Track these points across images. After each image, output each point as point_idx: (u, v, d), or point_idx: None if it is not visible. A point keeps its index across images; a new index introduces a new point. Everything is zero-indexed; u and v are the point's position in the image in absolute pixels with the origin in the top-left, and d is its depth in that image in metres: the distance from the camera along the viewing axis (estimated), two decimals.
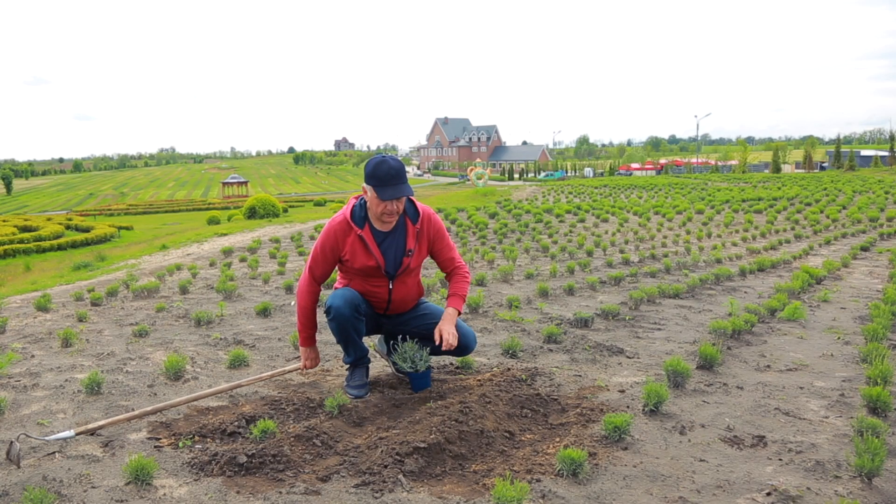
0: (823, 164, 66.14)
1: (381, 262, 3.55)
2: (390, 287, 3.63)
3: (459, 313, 3.64)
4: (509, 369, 3.93)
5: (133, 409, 3.45)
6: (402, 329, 3.78)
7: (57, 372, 4.13)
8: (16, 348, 4.74)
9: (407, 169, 3.70)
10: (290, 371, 3.90)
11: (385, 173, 3.35)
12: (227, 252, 10.81)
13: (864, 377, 3.75)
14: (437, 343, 3.56)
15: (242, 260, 9.68)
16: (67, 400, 3.61)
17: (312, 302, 3.70)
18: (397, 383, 3.80)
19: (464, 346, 3.71)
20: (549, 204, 20.55)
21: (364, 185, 3.47)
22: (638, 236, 11.69)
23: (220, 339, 4.89)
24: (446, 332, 3.51)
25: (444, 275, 3.80)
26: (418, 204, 3.61)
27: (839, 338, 4.84)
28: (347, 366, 3.78)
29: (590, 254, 9.39)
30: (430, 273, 7.72)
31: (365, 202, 3.53)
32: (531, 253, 9.72)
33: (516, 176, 78.51)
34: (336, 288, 3.76)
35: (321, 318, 3.87)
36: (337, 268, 3.73)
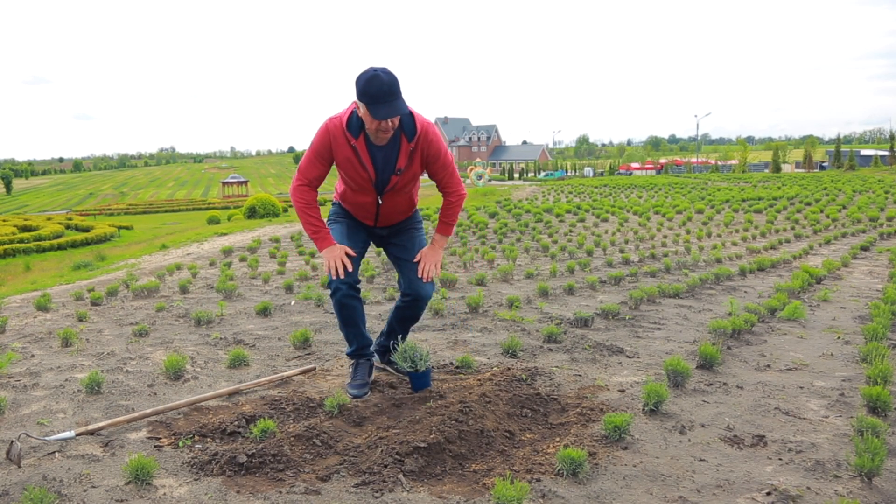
0: (823, 164, 66.12)
1: (373, 175, 3.39)
2: (379, 202, 3.51)
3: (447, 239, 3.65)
4: (509, 369, 3.93)
5: (133, 409, 3.45)
6: (390, 242, 3.73)
7: (57, 371, 4.13)
8: (16, 348, 4.74)
9: None
10: (291, 375, 3.91)
11: (378, 90, 3.09)
12: (227, 252, 10.81)
13: (864, 377, 3.75)
14: (416, 261, 3.57)
15: (242, 259, 9.67)
16: (67, 399, 3.61)
17: (312, 202, 3.54)
18: (397, 383, 3.79)
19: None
20: (549, 203, 20.55)
21: (356, 100, 3.23)
22: (638, 236, 11.68)
23: (220, 338, 4.89)
24: (429, 263, 3.54)
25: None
26: (418, 118, 3.36)
27: (839, 337, 4.84)
28: (351, 362, 3.79)
29: (590, 253, 9.39)
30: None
31: None
32: (531, 252, 9.71)
33: (516, 175, 78.48)
34: (335, 196, 3.73)
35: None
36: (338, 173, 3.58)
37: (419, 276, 3.58)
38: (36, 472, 2.73)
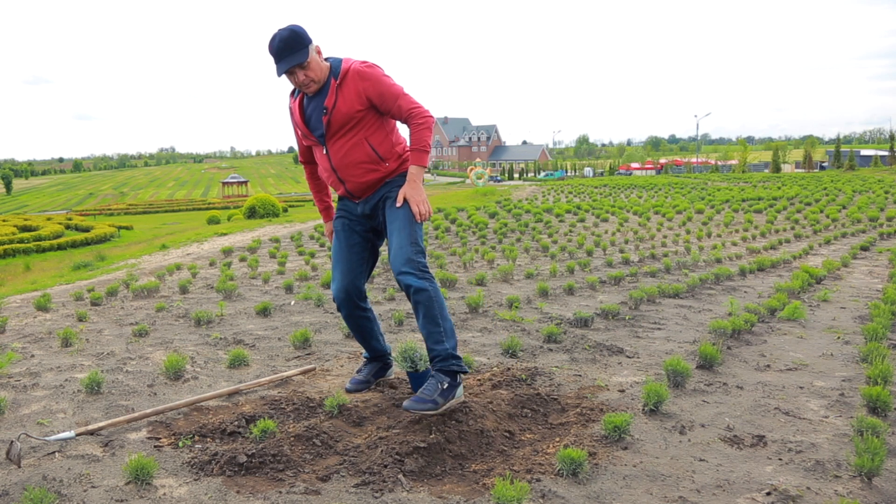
0: (823, 164, 66.19)
1: (304, 128, 3.37)
2: (325, 152, 3.35)
3: (422, 168, 3.30)
4: (509, 369, 3.93)
5: (133, 409, 3.45)
6: (380, 222, 3.46)
7: (57, 372, 4.13)
8: (16, 348, 4.74)
9: None
10: (291, 375, 3.91)
11: (275, 49, 3.10)
12: (227, 252, 10.81)
13: (864, 377, 3.75)
14: (398, 206, 3.25)
15: (242, 260, 9.67)
16: (67, 400, 3.61)
17: (311, 176, 3.70)
18: (397, 383, 3.79)
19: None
20: (548, 203, 20.54)
21: None
22: (638, 236, 11.68)
23: (220, 338, 4.89)
24: (412, 202, 3.22)
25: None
26: (346, 60, 3.29)
27: (839, 337, 4.84)
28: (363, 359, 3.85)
29: (590, 253, 9.39)
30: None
31: None
32: (531, 253, 9.71)
33: (516, 175, 78.52)
34: None
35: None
36: None
37: (396, 204, 3.29)
38: (36, 472, 2.72)
